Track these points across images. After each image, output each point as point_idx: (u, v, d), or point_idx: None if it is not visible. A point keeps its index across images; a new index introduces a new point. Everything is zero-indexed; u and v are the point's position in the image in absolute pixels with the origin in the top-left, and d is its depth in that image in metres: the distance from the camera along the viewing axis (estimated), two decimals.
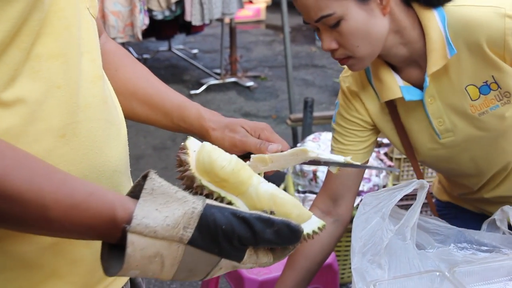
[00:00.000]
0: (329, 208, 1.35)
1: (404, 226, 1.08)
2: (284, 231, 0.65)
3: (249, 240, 0.64)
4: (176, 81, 5.81)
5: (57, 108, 0.70)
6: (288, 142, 3.65)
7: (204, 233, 0.62)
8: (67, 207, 0.60)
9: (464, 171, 1.32)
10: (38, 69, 0.68)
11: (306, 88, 5.69)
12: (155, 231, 0.61)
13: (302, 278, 1.32)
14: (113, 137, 0.79)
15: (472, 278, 1.04)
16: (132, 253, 0.61)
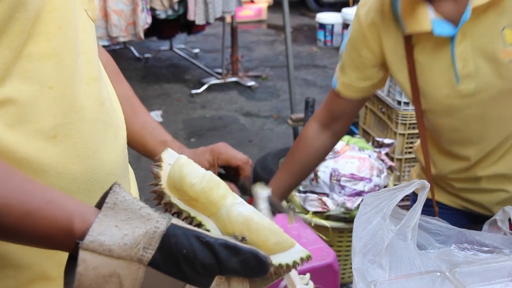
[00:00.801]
0: (328, 124, 1.43)
1: (405, 227, 1.08)
2: (251, 262, 0.59)
3: (213, 267, 0.58)
4: (177, 81, 5.81)
5: (48, 109, 0.69)
6: (289, 142, 3.65)
7: (165, 256, 0.58)
8: (20, 214, 0.58)
9: (468, 135, 1.26)
10: (29, 69, 0.67)
11: (307, 88, 5.69)
12: (110, 250, 0.57)
13: (295, 181, 1.48)
14: (109, 140, 0.78)
15: (473, 278, 1.04)
16: (84, 271, 0.56)
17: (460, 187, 1.38)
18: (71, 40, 0.72)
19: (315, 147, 1.45)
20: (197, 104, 5.22)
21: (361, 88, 1.35)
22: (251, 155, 4.13)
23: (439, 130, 1.32)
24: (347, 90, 1.37)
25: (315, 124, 1.44)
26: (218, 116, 4.98)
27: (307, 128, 1.46)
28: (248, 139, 4.50)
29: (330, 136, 1.45)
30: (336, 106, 1.41)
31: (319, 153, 1.46)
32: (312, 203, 2.55)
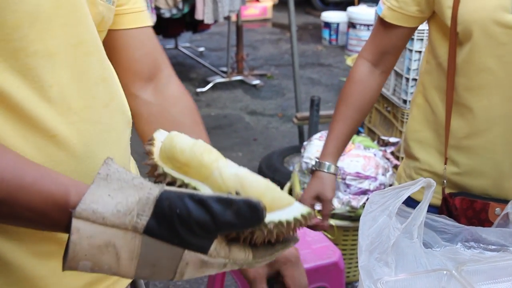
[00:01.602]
0: (377, 61, 1.38)
1: (411, 225, 1.08)
2: (243, 210, 0.56)
3: (208, 224, 0.56)
4: (182, 79, 5.78)
5: (47, 108, 0.68)
6: (294, 140, 3.67)
7: (161, 221, 0.56)
8: (15, 188, 0.56)
9: (500, 80, 1.17)
10: (32, 67, 0.67)
11: (312, 86, 5.69)
12: (104, 218, 0.56)
13: (353, 129, 1.42)
14: (111, 142, 0.77)
15: (479, 277, 1.04)
16: (78, 240, 0.55)
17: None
18: (76, 38, 0.72)
19: (369, 88, 1.40)
20: (202, 103, 5.23)
21: (408, 14, 1.28)
22: (256, 153, 4.14)
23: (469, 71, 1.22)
24: (394, 16, 1.30)
25: (364, 63, 1.40)
26: (223, 114, 4.98)
27: (356, 69, 1.40)
28: (253, 137, 4.50)
29: (381, 73, 1.40)
30: (384, 39, 1.36)
31: (374, 94, 1.41)
32: None
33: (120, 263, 0.56)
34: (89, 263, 0.56)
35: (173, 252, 0.56)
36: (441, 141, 1.32)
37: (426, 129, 1.36)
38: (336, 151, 1.42)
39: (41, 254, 0.71)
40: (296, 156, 3.36)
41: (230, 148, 4.29)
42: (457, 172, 1.31)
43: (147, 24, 0.93)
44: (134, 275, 0.57)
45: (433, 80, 1.32)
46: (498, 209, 1.23)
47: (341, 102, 1.42)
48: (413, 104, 1.41)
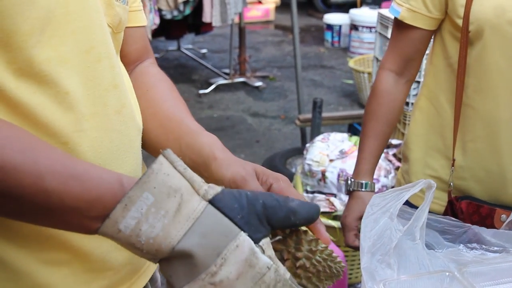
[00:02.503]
0: (402, 69, 1.35)
1: (413, 226, 1.08)
2: (307, 204, 0.62)
3: (275, 209, 0.58)
4: (185, 81, 5.83)
5: (62, 115, 0.68)
6: (296, 142, 3.66)
7: (228, 197, 0.58)
8: (66, 177, 0.56)
9: (508, 83, 1.17)
10: (47, 73, 0.67)
11: (314, 88, 5.69)
12: (185, 168, 0.57)
13: (384, 143, 1.39)
14: (123, 149, 0.77)
15: (482, 278, 1.04)
16: (157, 170, 0.55)
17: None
18: (87, 44, 0.71)
19: (396, 99, 1.36)
20: (204, 104, 5.24)
21: (428, 15, 1.26)
22: (258, 155, 4.14)
23: (479, 72, 1.21)
24: (415, 17, 1.27)
25: (389, 74, 1.36)
26: (225, 116, 4.99)
27: (381, 82, 1.36)
28: (256, 139, 4.51)
29: (406, 82, 1.36)
30: (406, 45, 1.32)
31: (401, 105, 1.38)
32: (320, 203, 2.55)
33: (176, 216, 0.55)
34: (152, 198, 0.55)
35: (229, 229, 0.56)
36: (446, 144, 1.31)
37: (430, 133, 1.35)
38: (371, 168, 1.38)
39: (51, 262, 0.71)
40: (299, 158, 3.36)
41: (232, 150, 4.28)
42: (461, 176, 1.30)
43: (142, 24, 0.94)
44: (179, 240, 0.55)
45: (439, 82, 1.31)
46: (504, 215, 1.22)
47: (369, 117, 1.38)
48: (416, 108, 1.39)
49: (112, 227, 0.55)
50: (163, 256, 0.56)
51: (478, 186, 1.29)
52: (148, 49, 0.98)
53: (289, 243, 0.62)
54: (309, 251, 0.62)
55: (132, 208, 0.55)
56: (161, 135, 0.85)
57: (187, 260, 0.55)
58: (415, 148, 1.38)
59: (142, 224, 0.55)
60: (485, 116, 1.23)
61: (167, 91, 0.92)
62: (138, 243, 0.55)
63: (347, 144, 2.68)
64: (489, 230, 1.18)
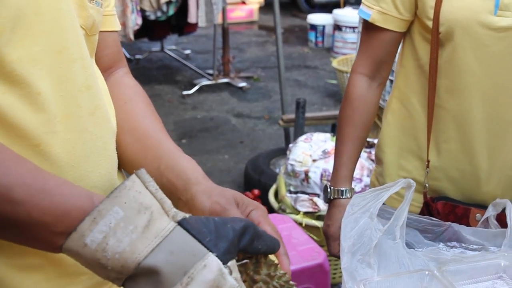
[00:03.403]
0: (374, 73, 1.33)
1: (393, 226, 1.08)
2: (271, 237, 0.65)
3: (241, 231, 0.59)
4: (168, 82, 5.80)
5: (34, 116, 0.67)
6: (280, 143, 3.65)
7: (197, 220, 0.58)
8: (35, 190, 0.56)
9: (481, 82, 1.18)
10: (19, 73, 0.66)
11: (298, 89, 5.70)
12: (156, 189, 0.57)
13: (360, 147, 1.37)
14: (97, 152, 0.76)
15: (461, 276, 1.05)
16: (130, 187, 0.55)
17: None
18: (59, 45, 0.71)
19: (370, 103, 1.36)
20: (188, 105, 5.22)
21: (399, 17, 1.26)
22: (243, 156, 4.13)
23: (451, 73, 1.22)
24: (386, 19, 1.27)
25: (361, 78, 1.34)
26: (209, 117, 4.98)
27: (354, 86, 1.35)
28: (240, 140, 4.50)
29: (378, 85, 1.36)
30: (377, 48, 1.31)
31: (375, 108, 1.37)
32: (303, 204, 2.55)
33: (144, 232, 0.55)
34: (121, 213, 0.54)
35: (198, 249, 0.56)
36: (419, 146, 1.32)
37: (403, 135, 1.35)
38: (350, 174, 1.36)
39: (24, 267, 0.70)
40: (282, 158, 3.36)
41: (216, 151, 4.28)
42: (435, 176, 1.31)
43: (115, 28, 0.93)
44: (145, 255, 0.54)
45: (410, 83, 1.31)
46: (479, 214, 1.23)
47: (345, 123, 1.36)
48: (388, 110, 1.39)
49: (77, 241, 0.54)
50: (128, 273, 0.55)
51: (452, 186, 1.30)
52: (121, 55, 0.96)
53: (249, 266, 0.62)
54: (268, 276, 0.62)
55: (101, 222, 0.54)
56: (139, 152, 0.85)
57: (153, 278, 0.54)
58: (388, 151, 1.38)
59: (109, 238, 0.54)
60: (457, 117, 1.24)
61: (145, 107, 0.91)
62: (104, 259, 0.54)
63: (329, 144, 2.69)
64: (468, 228, 1.19)
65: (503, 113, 1.22)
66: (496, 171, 1.26)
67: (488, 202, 1.21)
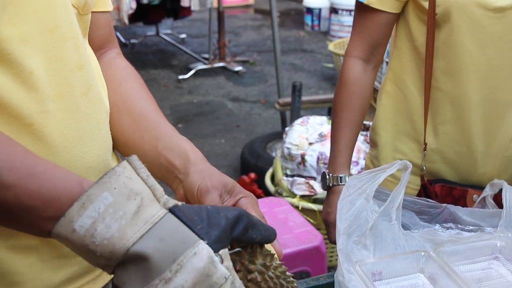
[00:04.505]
0: (369, 55, 1.31)
1: (389, 207, 1.08)
2: (267, 226, 0.64)
3: (235, 220, 0.59)
4: (164, 66, 5.77)
5: (26, 95, 0.67)
6: (277, 127, 3.64)
7: (189, 208, 0.57)
8: (24, 174, 0.55)
9: (477, 64, 1.17)
10: (10, 52, 0.65)
11: (295, 72, 5.68)
12: (148, 175, 0.56)
13: (357, 132, 1.35)
14: (90, 132, 0.76)
15: (457, 257, 1.05)
16: (120, 173, 0.55)
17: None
18: (52, 23, 0.70)
19: (365, 86, 1.33)
20: (184, 90, 5.20)
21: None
22: (239, 140, 4.13)
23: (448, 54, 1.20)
24: (380, 0, 1.24)
25: (356, 62, 1.32)
26: (205, 101, 4.96)
27: (349, 70, 1.33)
28: (236, 124, 4.49)
29: (373, 68, 1.34)
30: (372, 30, 1.28)
31: (370, 92, 1.35)
32: (300, 187, 2.55)
33: (134, 218, 0.54)
34: (110, 198, 0.53)
35: (188, 236, 0.55)
36: (415, 128, 1.30)
37: (398, 117, 1.33)
38: (348, 159, 1.34)
39: (19, 249, 0.70)
40: (279, 142, 3.36)
41: (213, 135, 4.27)
42: (432, 159, 1.30)
43: (107, 9, 0.92)
44: (134, 241, 0.53)
45: (405, 65, 1.30)
46: (476, 195, 1.23)
47: (341, 107, 1.34)
48: (382, 92, 1.37)
49: (66, 226, 0.54)
50: (117, 260, 0.54)
51: (449, 168, 1.29)
52: (113, 36, 0.95)
53: (243, 255, 0.61)
54: (263, 266, 0.61)
55: (90, 207, 0.53)
56: (135, 133, 0.84)
57: (142, 264, 0.53)
58: (383, 133, 1.36)
59: (98, 224, 0.53)
60: (454, 98, 1.23)
61: (140, 88, 0.90)
62: (92, 245, 0.53)
63: (326, 127, 2.68)
64: (464, 209, 1.19)
65: (499, 94, 1.21)
66: (492, 152, 1.26)
67: (484, 183, 1.21)
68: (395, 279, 1.03)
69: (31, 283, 0.71)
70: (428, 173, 1.31)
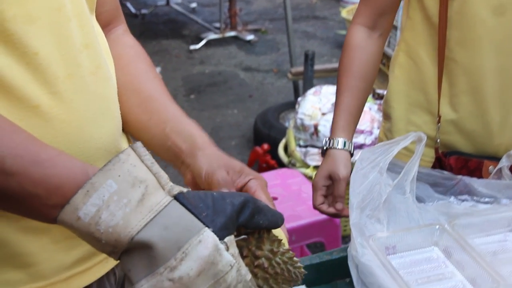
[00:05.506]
0: (375, 23, 1.29)
1: (403, 180, 1.07)
2: (273, 210, 0.63)
3: (241, 205, 0.58)
4: (175, 36, 5.72)
5: (32, 77, 0.66)
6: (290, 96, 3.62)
7: (194, 194, 0.57)
8: (27, 162, 0.54)
9: (493, 35, 1.14)
10: (14, 32, 0.63)
11: (307, 40, 5.61)
12: (153, 163, 0.56)
13: (360, 100, 1.31)
14: (100, 112, 0.74)
15: (472, 230, 1.03)
16: (124, 160, 0.54)
17: None
18: (57, 2, 0.68)
19: (369, 53, 1.30)
20: (195, 60, 5.16)
21: None
22: (252, 110, 4.11)
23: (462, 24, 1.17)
24: None
25: (360, 29, 1.30)
26: (217, 71, 4.93)
27: (352, 36, 1.31)
28: (249, 94, 4.46)
29: (380, 36, 1.31)
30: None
31: (375, 59, 1.31)
32: (313, 157, 2.54)
33: (138, 206, 0.53)
34: (115, 186, 0.53)
35: (193, 224, 0.54)
36: (429, 100, 1.28)
37: (411, 89, 1.31)
38: (346, 124, 1.30)
39: (31, 230, 0.69)
40: (292, 111, 3.33)
41: (225, 106, 4.25)
42: (447, 131, 1.27)
43: None
44: (139, 230, 0.53)
45: (418, 36, 1.27)
46: (492, 167, 1.21)
47: (342, 73, 1.31)
48: (395, 64, 1.35)
49: (71, 214, 0.53)
50: (122, 247, 0.53)
51: (464, 140, 1.27)
52: (120, 12, 0.94)
53: (251, 240, 0.60)
54: (270, 252, 0.60)
55: (94, 195, 0.53)
56: (143, 114, 0.83)
57: (147, 252, 0.53)
58: (396, 106, 1.34)
59: (103, 212, 0.53)
60: (469, 69, 1.20)
61: (148, 69, 0.89)
62: (97, 232, 0.53)
63: None
64: (480, 180, 1.17)
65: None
66: (508, 122, 1.23)
67: (500, 154, 1.19)
68: (409, 252, 1.03)
69: (44, 264, 0.71)
70: (443, 146, 1.28)
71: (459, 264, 0.98)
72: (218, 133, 3.77)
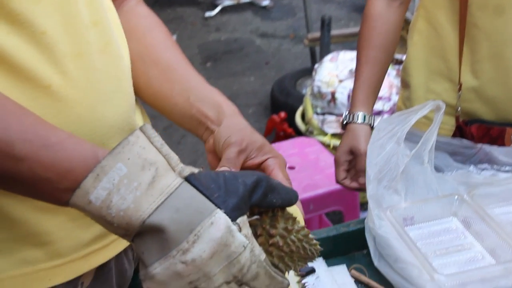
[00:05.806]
0: None
1: (421, 150, 1.05)
2: (287, 187, 0.62)
3: (255, 183, 0.57)
4: (190, 4, 5.66)
5: (40, 56, 0.65)
6: (307, 62, 3.55)
7: (205, 176, 0.56)
8: (37, 146, 0.54)
9: None
10: (20, 12, 0.62)
11: (324, 4, 5.50)
12: (162, 144, 0.55)
13: (380, 72, 1.29)
14: (111, 90, 0.73)
15: (491, 199, 1.02)
16: (133, 142, 0.53)
17: None
18: None
19: (389, 22, 1.27)
20: (211, 27, 5.11)
21: None
22: (269, 77, 4.07)
23: None
24: None
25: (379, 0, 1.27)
26: (233, 38, 4.88)
27: (372, 6, 1.28)
28: (265, 61, 4.42)
29: (400, 5, 1.27)
30: None
31: (396, 29, 1.28)
32: (330, 125, 2.52)
33: (149, 189, 0.53)
34: (125, 169, 0.52)
35: (205, 205, 0.53)
36: (449, 67, 1.25)
37: (430, 56, 1.27)
38: (366, 97, 1.27)
39: (47, 209, 0.69)
40: (309, 78, 3.30)
41: (242, 73, 4.22)
42: (468, 98, 1.25)
43: None
44: (150, 213, 0.52)
45: (437, 1, 1.23)
46: None
47: (362, 44, 1.29)
48: (413, 30, 1.31)
49: (82, 198, 0.53)
50: (134, 230, 0.53)
51: (486, 108, 1.24)
52: None
53: (265, 219, 0.59)
54: (285, 230, 0.59)
55: (104, 179, 0.52)
56: (165, 84, 0.82)
57: (159, 236, 0.52)
58: (415, 74, 1.31)
59: (113, 195, 0.52)
60: (491, 35, 1.16)
61: (165, 38, 0.87)
62: (109, 216, 0.53)
63: None
64: (500, 148, 1.15)
65: None
66: None
67: None
68: (427, 223, 1.02)
69: (61, 242, 0.72)
70: (464, 114, 1.25)
71: (478, 234, 0.97)
72: (235, 101, 3.71)
